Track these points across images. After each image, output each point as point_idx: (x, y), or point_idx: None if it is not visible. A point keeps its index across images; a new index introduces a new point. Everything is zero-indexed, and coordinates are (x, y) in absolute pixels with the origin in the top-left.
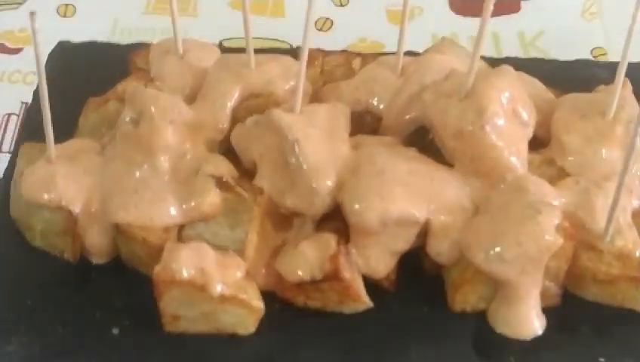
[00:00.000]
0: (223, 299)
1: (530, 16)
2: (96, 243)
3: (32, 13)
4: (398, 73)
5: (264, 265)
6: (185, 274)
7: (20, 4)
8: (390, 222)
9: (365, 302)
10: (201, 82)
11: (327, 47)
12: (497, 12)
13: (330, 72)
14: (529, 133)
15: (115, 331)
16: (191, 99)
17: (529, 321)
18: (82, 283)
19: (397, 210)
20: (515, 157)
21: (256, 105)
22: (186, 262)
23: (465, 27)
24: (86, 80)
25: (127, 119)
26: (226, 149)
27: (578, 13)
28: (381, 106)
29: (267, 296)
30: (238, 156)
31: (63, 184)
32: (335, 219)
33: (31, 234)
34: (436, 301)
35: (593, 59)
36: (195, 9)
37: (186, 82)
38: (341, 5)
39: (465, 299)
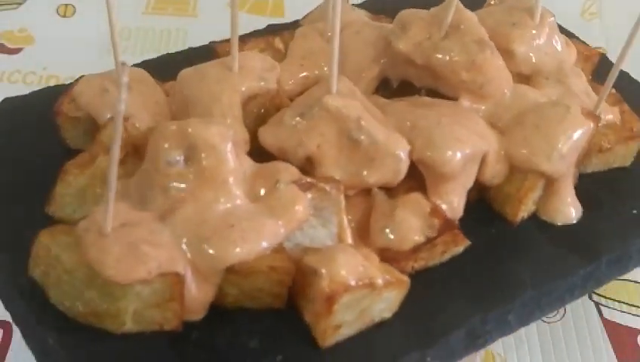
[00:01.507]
0: (386, 285)
1: None
2: (203, 296)
3: (124, 65)
4: (327, 37)
5: (363, 247)
6: (353, 277)
7: (20, 4)
8: (469, 160)
9: (467, 241)
10: (172, 104)
11: None
12: None
13: None
14: None
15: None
16: None
17: (575, 204)
18: (202, 343)
19: (473, 147)
20: (507, 71)
21: (258, 105)
22: (346, 265)
23: None
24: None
25: (177, 159)
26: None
27: (578, 13)
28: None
29: None
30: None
31: (152, 249)
32: (406, 182)
33: (117, 320)
34: (492, 221)
35: None
36: (194, 9)
37: (158, 110)
38: None
39: (526, 207)
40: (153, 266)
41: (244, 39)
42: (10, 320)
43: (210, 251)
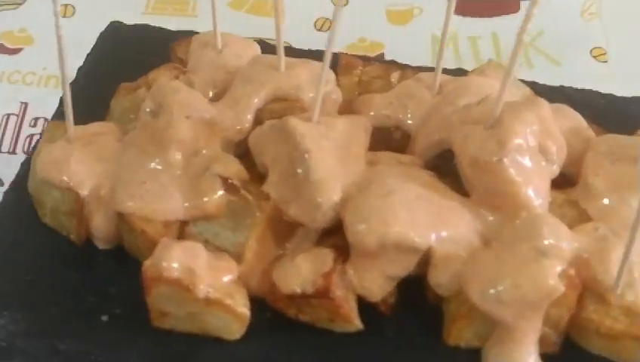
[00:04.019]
0: (209, 302)
1: None
2: (101, 228)
3: None
4: (435, 92)
5: (261, 272)
6: (173, 272)
7: (20, 4)
8: (389, 246)
9: (355, 324)
10: (233, 79)
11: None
12: (497, 12)
13: (367, 82)
14: (555, 170)
15: (105, 318)
16: (220, 95)
17: None
18: (84, 266)
19: (397, 235)
20: (534, 194)
21: (280, 109)
22: (176, 261)
23: (465, 27)
24: (131, 63)
25: (148, 110)
26: (245, 151)
27: (578, 13)
28: (412, 124)
29: (262, 303)
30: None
31: (75, 166)
32: (337, 235)
33: (42, 211)
34: (433, 332)
35: None
36: (194, 9)
37: (218, 78)
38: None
39: (459, 334)
40: (64, 179)
41: (369, 58)
42: None
43: (114, 193)
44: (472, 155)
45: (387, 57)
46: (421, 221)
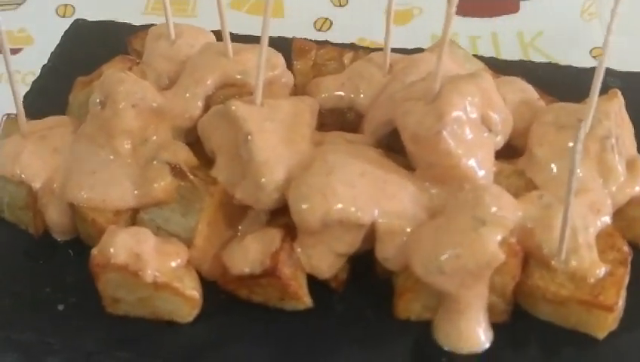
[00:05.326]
0: (157, 286)
1: (529, 16)
2: (56, 220)
3: None
4: (386, 71)
5: (213, 255)
6: (119, 258)
7: (20, 4)
8: (332, 223)
9: (305, 301)
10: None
11: None
12: (496, 12)
13: (321, 65)
14: (499, 142)
15: (61, 307)
16: (173, 85)
17: (471, 335)
18: (42, 257)
19: (339, 212)
20: (476, 166)
21: (229, 95)
22: (122, 247)
23: (465, 27)
24: (94, 59)
25: (97, 101)
26: (197, 138)
27: (577, 13)
28: (364, 104)
29: (215, 285)
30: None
31: (28, 160)
32: (287, 215)
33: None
34: (383, 306)
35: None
36: (194, 9)
37: (171, 68)
38: (340, 5)
39: (407, 307)
40: (17, 173)
41: (323, 43)
42: None
43: (65, 184)
44: (412, 130)
45: None
46: (364, 197)
